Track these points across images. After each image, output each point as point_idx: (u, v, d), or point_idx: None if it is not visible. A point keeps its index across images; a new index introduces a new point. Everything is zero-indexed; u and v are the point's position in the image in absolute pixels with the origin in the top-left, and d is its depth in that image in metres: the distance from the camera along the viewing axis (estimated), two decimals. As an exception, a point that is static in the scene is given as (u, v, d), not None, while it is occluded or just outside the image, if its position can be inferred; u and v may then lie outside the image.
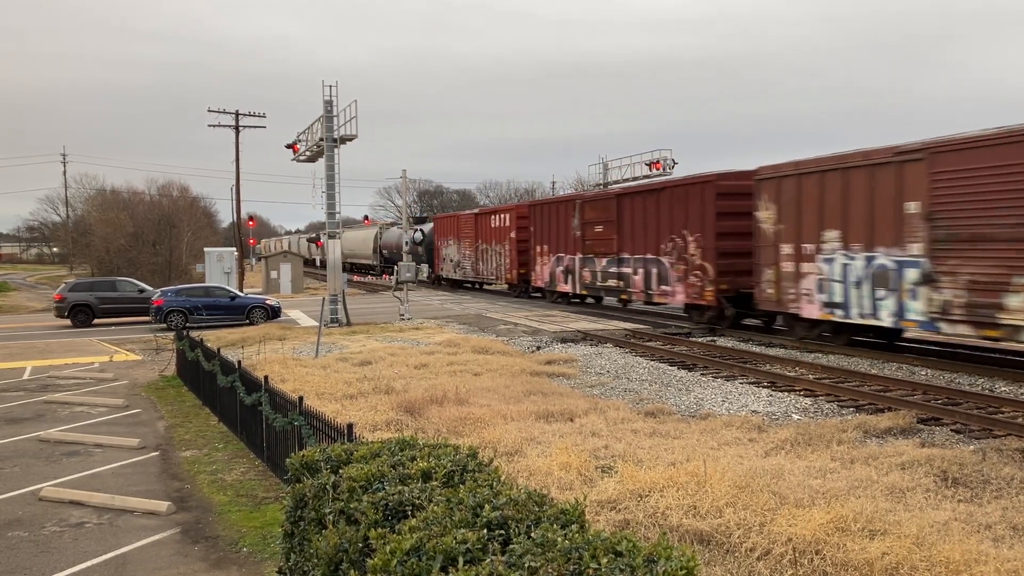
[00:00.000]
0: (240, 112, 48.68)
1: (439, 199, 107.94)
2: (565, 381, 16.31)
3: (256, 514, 9.07)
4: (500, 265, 38.26)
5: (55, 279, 63.92)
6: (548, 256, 32.82)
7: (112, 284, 34.29)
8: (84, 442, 12.63)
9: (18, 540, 8.34)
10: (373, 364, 17.85)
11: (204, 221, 68.23)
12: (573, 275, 30.75)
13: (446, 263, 46.33)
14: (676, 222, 24.35)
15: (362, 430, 10.31)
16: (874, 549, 6.45)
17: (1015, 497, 8.31)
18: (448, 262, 45.90)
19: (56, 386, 18.25)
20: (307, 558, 4.59)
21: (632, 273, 26.58)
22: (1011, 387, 14.61)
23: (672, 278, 24.56)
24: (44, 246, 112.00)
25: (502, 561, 3.22)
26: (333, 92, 27.81)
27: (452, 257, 45.01)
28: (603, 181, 43.73)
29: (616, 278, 27.62)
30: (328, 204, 28.40)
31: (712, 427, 11.68)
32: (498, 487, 4.15)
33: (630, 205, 26.89)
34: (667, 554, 3.18)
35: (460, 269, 43.59)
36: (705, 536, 7.13)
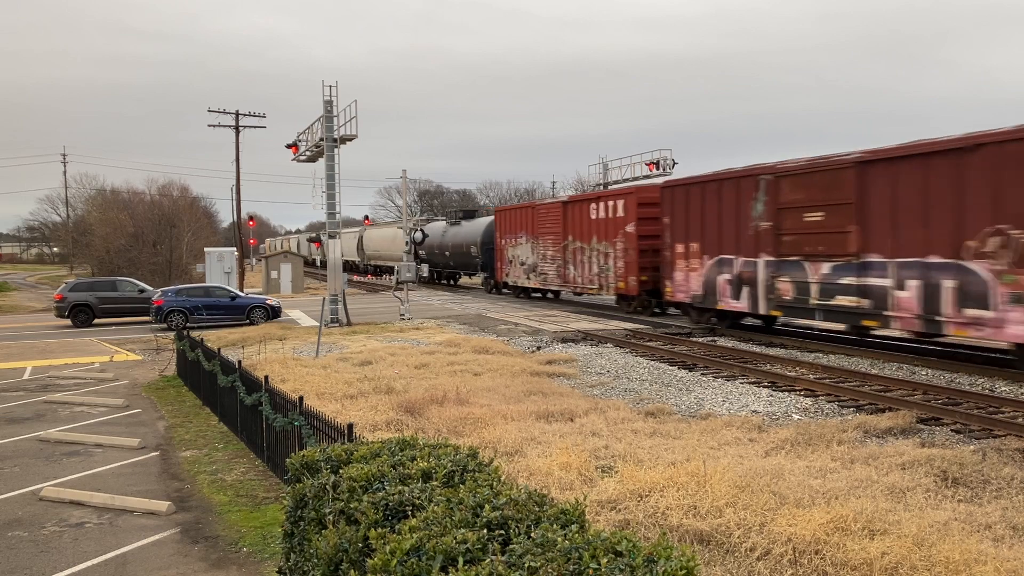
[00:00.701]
0: (240, 112, 48.68)
1: (439, 199, 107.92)
2: (565, 381, 16.31)
3: (256, 514, 9.07)
4: (606, 270, 28.63)
5: (55, 279, 63.95)
6: (699, 259, 23.18)
7: (112, 284, 34.29)
8: (84, 442, 12.63)
9: (18, 540, 8.34)
10: (373, 364, 17.85)
11: (204, 221, 68.25)
12: (753, 287, 21.15)
13: (513, 266, 36.97)
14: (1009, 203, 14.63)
15: (362, 430, 10.32)
16: (874, 549, 6.45)
17: (1015, 497, 8.31)
18: (517, 266, 36.62)
19: (56, 386, 18.25)
20: (307, 558, 4.59)
21: (894, 287, 16.94)
22: (1011, 387, 14.61)
23: (998, 297, 14.73)
24: (44, 246, 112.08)
25: (502, 561, 3.22)
26: (333, 92, 27.82)
27: (524, 259, 35.69)
28: (603, 181, 43.70)
29: (855, 293, 17.95)
30: (328, 204, 28.41)
31: (712, 427, 11.68)
32: (498, 487, 4.15)
33: (889, 178, 17.14)
34: (667, 554, 3.18)
35: (537, 274, 34.42)
36: (705, 536, 7.13)
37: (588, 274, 30.07)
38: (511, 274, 37.60)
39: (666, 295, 25.21)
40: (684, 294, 24.17)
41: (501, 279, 39.00)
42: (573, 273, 31.24)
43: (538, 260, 34.33)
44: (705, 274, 23.08)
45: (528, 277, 35.64)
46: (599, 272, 29.18)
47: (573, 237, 31.09)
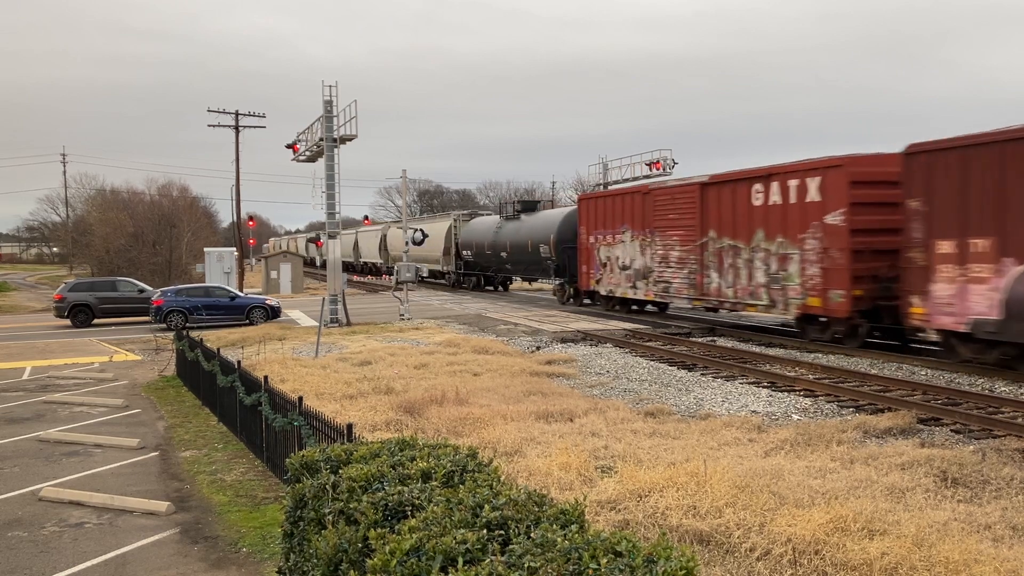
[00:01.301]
0: (240, 112, 48.69)
1: (439, 199, 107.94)
2: (565, 381, 16.31)
3: (256, 514, 9.07)
4: (784, 279, 20.27)
5: (55, 279, 63.93)
6: (992, 263, 15.20)
7: (112, 284, 34.29)
8: (84, 442, 12.63)
9: (18, 540, 8.34)
10: (373, 364, 17.86)
11: (204, 221, 68.26)
12: None
13: (609, 271, 28.58)
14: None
15: (362, 430, 10.31)
16: (874, 549, 6.45)
17: (1015, 497, 8.31)
18: (614, 270, 28.29)
19: (56, 386, 18.25)
20: (307, 558, 4.59)
21: None
22: (1011, 387, 14.61)
23: None
24: (44, 246, 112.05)
25: (502, 561, 3.22)
26: (333, 92, 27.83)
27: (627, 261, 27.47)
28: (603, 181, 43.70)
29: None
30: (328, 204, 28.42)
31: (712, 427, 11.69)
32: (498, 487, 4.15)
33: None
34: (667, 554, 3.18)
35: (652, 283, 25.99)
36: (705, 536, 7.13)
37: (747, 284, 21.50)
38: (604, 280, 28.96)
39: (911, 317, 16.95)
40: (953, 318, 15.87)
41: (586, 286, 30.46)
42: (717, 282, 22.66)
43: (652, 263, 25.95)
44: (1011, 287, 14.76)
45: (635, 285, 27.09)
46: (769, 282, 20.64)
47: (718, 232, 22.69)
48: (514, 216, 39.82)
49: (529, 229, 37.01)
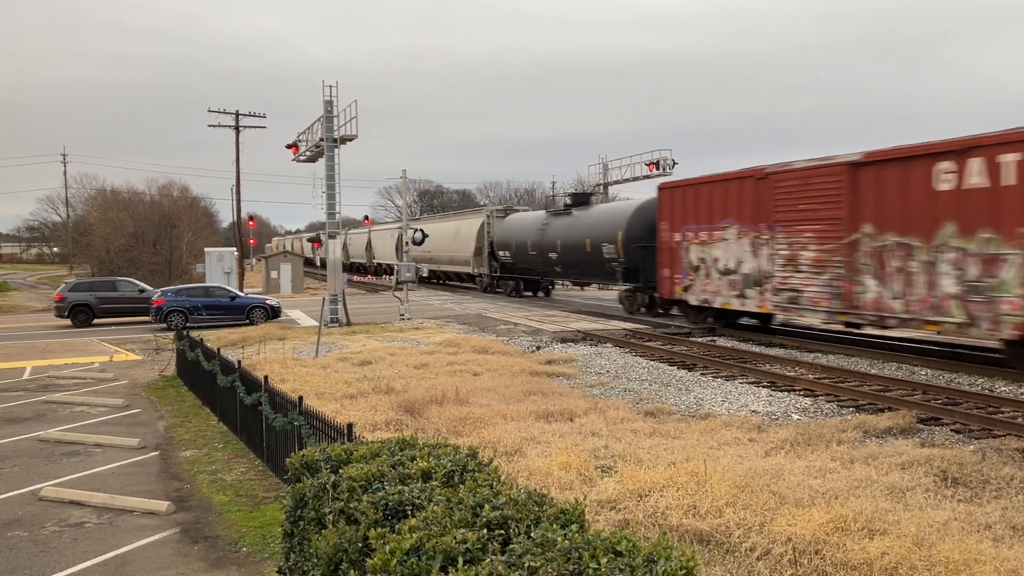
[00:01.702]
0: (240, 112, 48.69)
1: (439, 199, 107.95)
2: (565, 381, 16.31)
3: (256, 514, 9.06)
4: (991, 290, 15.01)
5: (55, 279, 63.94)
6: None
7: (112, 284, 34.29)
8: (84, 442, 12.63)
9: (18, 540, 8.34)
10: (373, 364, 17.86)
11: (204, 221, 68.25)
12: None
13: (705, 275, 23.15)
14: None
15: (362, 430, 10.32)
16: (874, 549, 6.45)
17: (1015, 497, 8.31)
18: (710, 274, 22.91)
19: (56, 386, 18.25)
20: (307, 558, 4.59)
21: None
22: (1011, 387, 14.61)
23: None
24: (44, 246, 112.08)
25: (502, 561, 3.22)
26: (333, 92, 27.83)
27: (730, 263, 22.06)
28: (603, 181, 43.70)
29: None
30: (328, 204, 28.42)
31: (712, 427, 11.68)
32: (498, 487, 4.15)
33: None
34: (667, 554, 3.18)
35: (772, 292, 20.56)
36: (705, 536, 7.13)
37: (926, 295, 16.23)
38: (696, 287, 23.43)
39: None
40: None
41: (669, 293, 24.99)
42: (876, 291, 17.45)
43: (770, 266, 20.61)
44: None
45: (742, 294, 21.54)
46: (965, 292, 15.44)
47: (878, 226, 17.43)
48: (564, 211, 34.66)
49: (586, 226, 31.54)
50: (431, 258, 47.46)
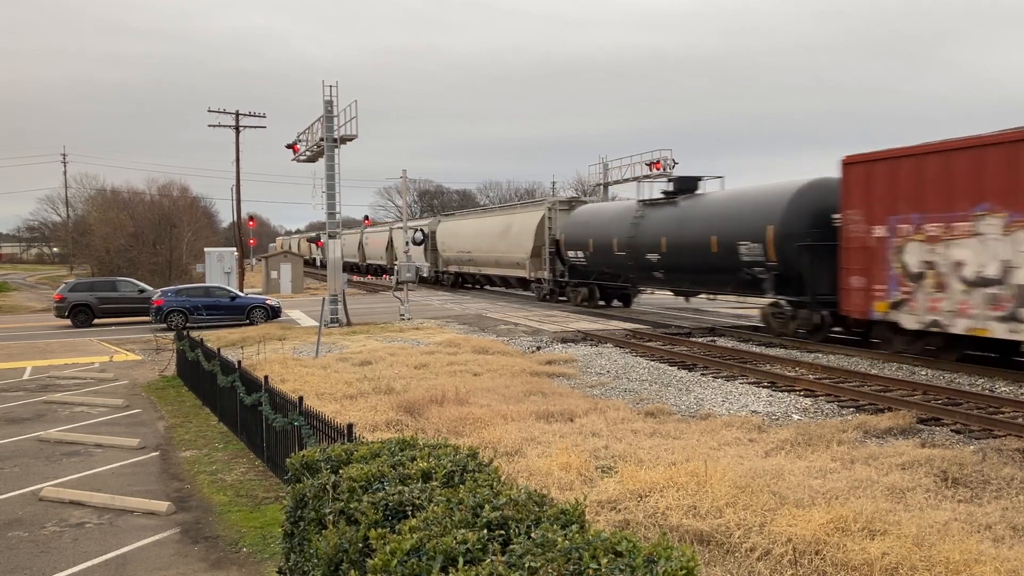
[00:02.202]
0: (240, 112, 48.68)
1: (439, 199, 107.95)
2: (565, 381, 16.31)
3: (256, 514, 9.06)
4: None
5: (55, 279, 63.94)
6: None
7: (112, 284, 34.31)
8: (84, 442, 12.63)
9: (18, 540, 8.34)
10: (373, 364, 17.85)
11: (204, 221, 68.25)
12: None
13: (936, 286, 16.30)
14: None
15: (362, 430, 10.31)
16: (874, 549, 6.45)
17: (1015, 497, 8.31)
18: (949, 285, 16.03)
19: (56, 386, 18.25)
20: (307, 558, 4.58)
21: None
22: (1011, 387, 14.61)
23: None
24: (44, 246, 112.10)
25: (502, 561, 3.22)
26: (333, 92, 27.84)
27: (983, 269, 15.34)
28: (603, 181, 43.68)
29: None
30: (328, 204, 28.43)
31: (712, 427, 11.68)
32: (498, 487, 4.15)
33: None
34: (667, 554, 3.18)
35: None
36: (705, 536, 7.13)
37: None
38: (917, 303, 16.73)
39: None
40: None
41: (863, 310, 18.29)
42: None
43: None
44: None
45: (1014, 316, 14.81)
46: None
47: None
48: (667, 200, 27.50)
49: (706, 217, 24.63)
50: (470, 259, 41.82)
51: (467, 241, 43.58)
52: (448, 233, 46.71)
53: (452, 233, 46.19)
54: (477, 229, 42.34)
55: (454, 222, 48.25)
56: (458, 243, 44.94)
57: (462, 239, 44.37)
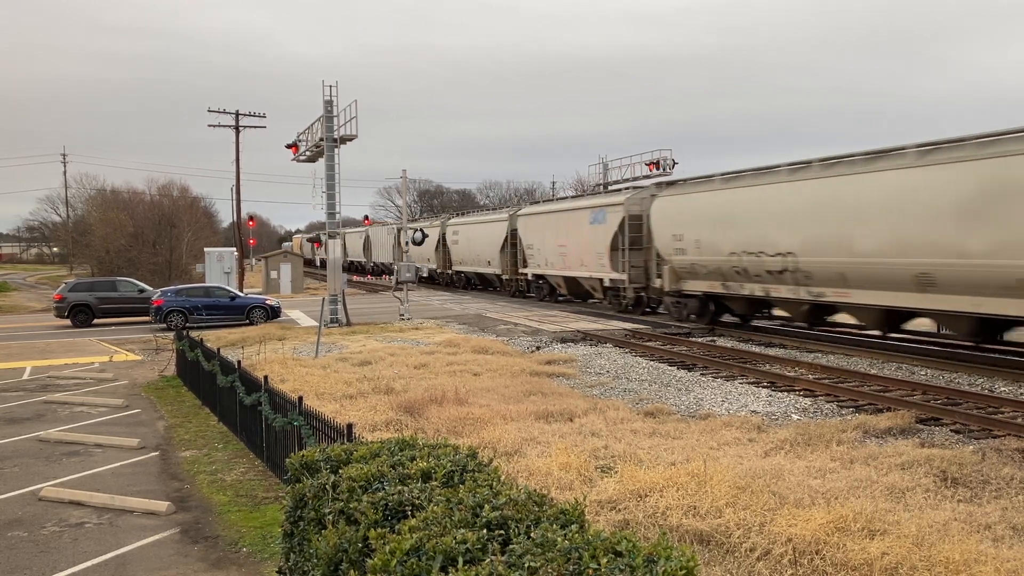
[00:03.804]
0: (240, 112, 48.68)
1: (439, 199, 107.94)
2: (565, 381, 16.31)
3: (256, 514, 9.06)
4: None
5: (55, 279, 63.92)
6: None
7: (112, 284, 34.31)
8: (84, 442, 12.62)
9: (18, 540, 8.34)
10: (373, 364, 17.85)
11: (204, 221, 68.22)
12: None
13: None
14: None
15: (362, 430, 10.31)
16: (874, 549, 6.45)
17: (1015, 497, 8.31)
18: None
19: (56, 386, 18.25)
20: (307, 558, 4.58)
21: None
22: (1011, 387, 14.61)
23: None
24: (44, 246, 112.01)
25: (502, 561, 3.22)
26: (333, 92, 27.84)
27: None
28: (603, 181, 43.69)
29: None
30: (328, 204, 28.43)
31: (712, 427, 11.68)
32: (498, 487, 4.15)
33: None
34: (667, 554, 3.18)
35: None
36: (705, 536, 7.13)
37: None
38: None
39: None
40: None
41: None
42: None
43: None
44: None
45: None
46: None
47: None
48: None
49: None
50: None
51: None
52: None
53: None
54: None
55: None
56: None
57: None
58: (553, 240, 33.73)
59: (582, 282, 31.96)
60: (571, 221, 32.13)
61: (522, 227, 37.77)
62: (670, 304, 25.98)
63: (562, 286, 34.64)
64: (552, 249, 33.90)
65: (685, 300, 24.96)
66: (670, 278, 25.02)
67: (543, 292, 33.35)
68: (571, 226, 31.97)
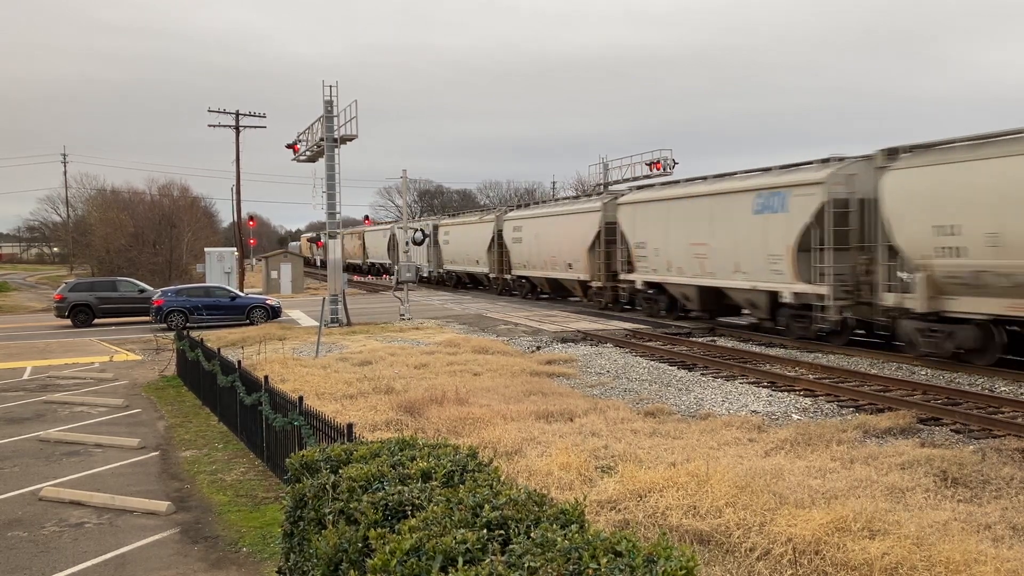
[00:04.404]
0: (240, 112, 48.67)
1: (439, 199, 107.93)
2: (565, 381, 16.31)
3: (256, 514, 9.06)
4: None
5: (55, 279, 63.93)
6: None
7: (112, 284, 34.31)
8: (84, 442, 12.63)
9: (18, 540, 8.34)
10: (373, 364, 17.85)
11: (204, 221, 68.15)
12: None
13: None
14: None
15: (362, 430, 10.31)
16: (874, 549, 6.45)
17: (1015, 497, 8.31)
18: None
19: (56, 386, 18.25)
20: (307, 558, 4.58)
21: None
22: (1011, 387, 14.61)
23: None
24: (44, 246, 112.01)
25: (502, 561, 3.22)
26: (333, 92, 27.84)
27: None
28: (604, 181, 43.69)
29: None
30: (328, 204, 28.43)
31: (712, 427, 11.68)
32: (498, 487, 4.15)
33: None
34: (667, 554, 3.18)
35: None
36: (705, 536, 7.13)
37: None
38: None
39: None
40: None
41: None
42: None
43: None
44: None
45: None
46: None
47: None
48: None
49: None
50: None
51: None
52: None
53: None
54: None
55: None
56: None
57: None
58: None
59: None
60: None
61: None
62: (916, 334, 17.15)
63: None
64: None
65: (949, 329, 16.45)
66: (925, 292, 16.56)
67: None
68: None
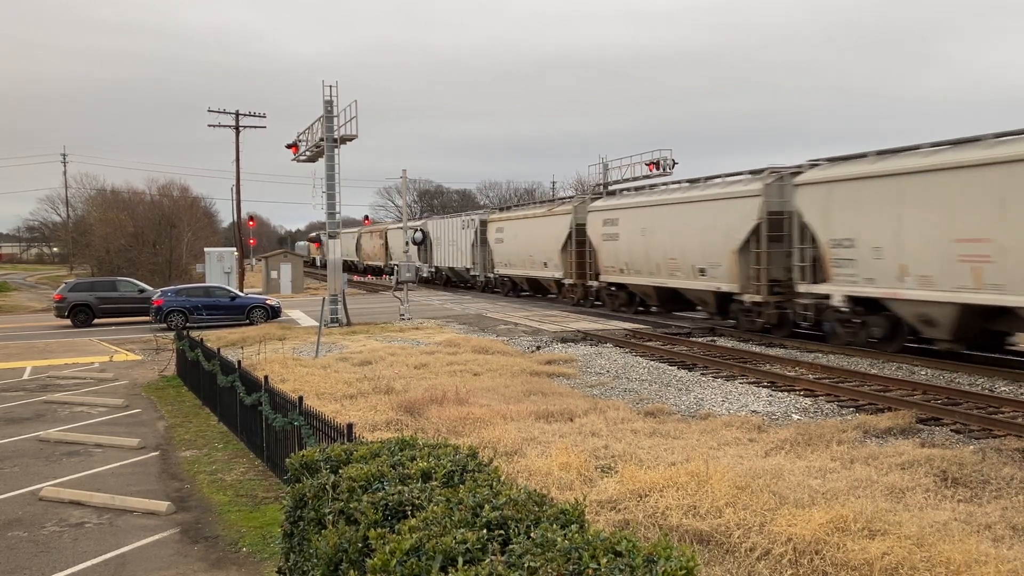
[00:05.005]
0: (240, 112, 48.66)
1: (439, 199, 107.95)
2: (565, 381, 16.31)
3: (256, 514, 9.06)
4: None
5: (55, 279, 63.92)
6: None
7: (112, 284, 34.30)
8: (84, 442, 12.62)
9: (18, 540, 8.34)
10: (373, 364, 17.85)
11: (204, 221, 68.17)
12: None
13: None
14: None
15: (362, 430, 10.31)
16: (874, 549, 6.44)
17: (1015, 497, 8.31)
18: None
19: (56, 386, 18.25)
20: (307, 558, 4.58)
21: None
22: (1011, 387, 14.61)
23: None
24: (44, 246, 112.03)
25: (502, 561, 3.22)
26: (333, 92, 27.83)
27: None
28: (603, 181, 43.67)
29: None
30: (328, 204, 28.42)
31: (712, 427, 11.68)
32: (498, 487, 4.15)
33: None
34: (667, 554, 3.18)
35: None
36: (705, 536, 7.13)
37: None
38: None
39: None
40: None
41: None
42: None
43: None
44: None
45: None
46: None
47: None
48: None
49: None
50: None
51: None
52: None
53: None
54: None
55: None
56: None
57: None
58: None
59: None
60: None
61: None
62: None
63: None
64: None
65: None
66: None
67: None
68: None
